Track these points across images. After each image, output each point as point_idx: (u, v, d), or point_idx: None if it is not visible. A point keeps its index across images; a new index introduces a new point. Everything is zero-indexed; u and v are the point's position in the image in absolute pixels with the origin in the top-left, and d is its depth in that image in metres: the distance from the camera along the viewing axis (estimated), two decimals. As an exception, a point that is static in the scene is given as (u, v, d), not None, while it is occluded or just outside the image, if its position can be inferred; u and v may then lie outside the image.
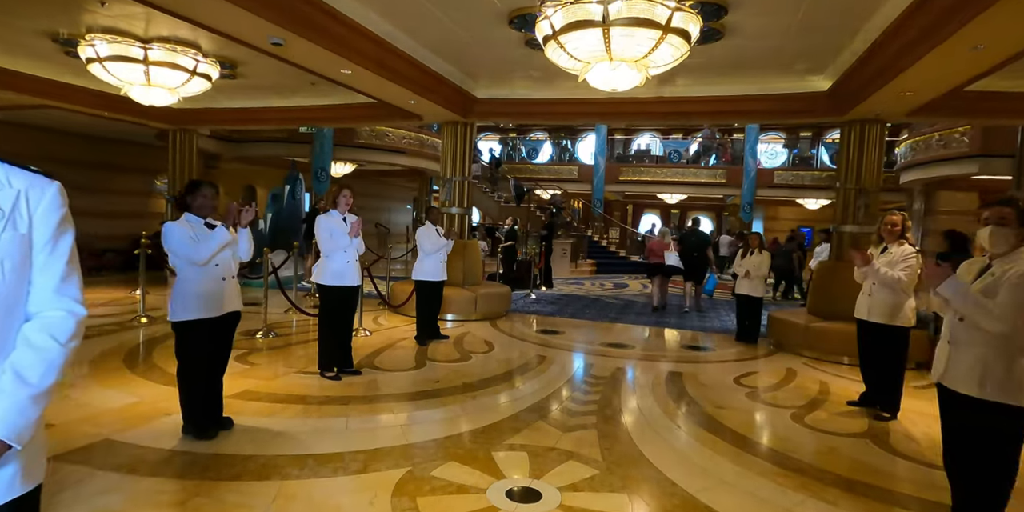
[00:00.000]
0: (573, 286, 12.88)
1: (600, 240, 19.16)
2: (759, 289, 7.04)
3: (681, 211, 28.14)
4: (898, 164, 14.05)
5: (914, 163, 12.52)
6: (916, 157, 12.29)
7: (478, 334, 6.84)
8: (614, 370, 5.45)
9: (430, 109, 7.44)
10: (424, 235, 6.15)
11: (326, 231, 4.49)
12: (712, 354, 6.47)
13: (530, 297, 10.48)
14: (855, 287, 6.75)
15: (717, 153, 20.59)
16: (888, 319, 4.32)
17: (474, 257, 8.28)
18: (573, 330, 7.50)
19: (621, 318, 8.67)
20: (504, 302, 8.32)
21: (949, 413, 2.55)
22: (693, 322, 8.66)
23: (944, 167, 11.71)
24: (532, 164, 21.99)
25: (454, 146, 8.16)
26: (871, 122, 6.57)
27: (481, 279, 8.55)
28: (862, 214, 6.65)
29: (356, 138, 14.11)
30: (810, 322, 6.54)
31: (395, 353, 5.66)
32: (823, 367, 6.02)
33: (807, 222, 24.96)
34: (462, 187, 8.23)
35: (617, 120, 7.29)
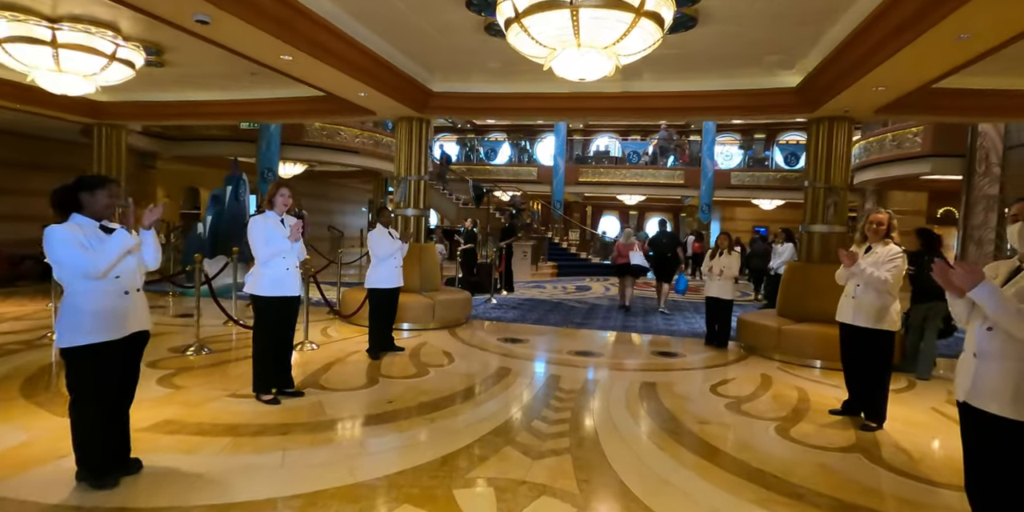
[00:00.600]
0: (535, 290, 12.51)
1: (561, 242, 18.89)
2: (729, 291, 6.81)
3: (640, 212, 28.25)
4: (853, 165, 14.28)
5: (868, 163, 12.69)
6: (870, 157, 12.45)
7: (436, 344, 6.36)
8: (584, 382, 5.06)
9: (383, 103, 6.93)
10: (376, 239, 5.63)
11: (260, 235, 3.94)
12: (683, 360, 6.17)
13: (491, 302, 10.04)
14: (826, 288, 6.58)
15: (675, 154, 20.64)
16: (874, 323, 4.07)
17: (431, 261, 7.79)
18: (537, 337, 7.10)
19: (586, 323, 8.32)
20: (464, 309, 7.85)
21: (975, 435, 2.25)
22: (659, 325, 8.40)
23: (897, 167, 11.89)
24: (491, 165, 21.59)
25: (409, 143, 7.66)
26: (839, 119, 6.42)
27: (439, 285, 8.07)
28: (831, 213, 6.49)
29: (305, 137, 13.40)
30: (782, 325, 6.33)
31: (344, 369, 5.13)
32: (797, 372, 5.80)
33: (762, 222, 25.38)
34: (418, 187, 7.73)
35: (581, 116, 6.94)
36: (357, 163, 14.41)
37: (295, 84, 6.62)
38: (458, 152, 23.81)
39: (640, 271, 9.78)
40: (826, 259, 6.55)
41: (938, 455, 3.68)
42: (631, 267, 9.62)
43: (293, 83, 6.57)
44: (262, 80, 7.16)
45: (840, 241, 6.60)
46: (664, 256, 9.79)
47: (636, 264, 9.60)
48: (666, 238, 10.04)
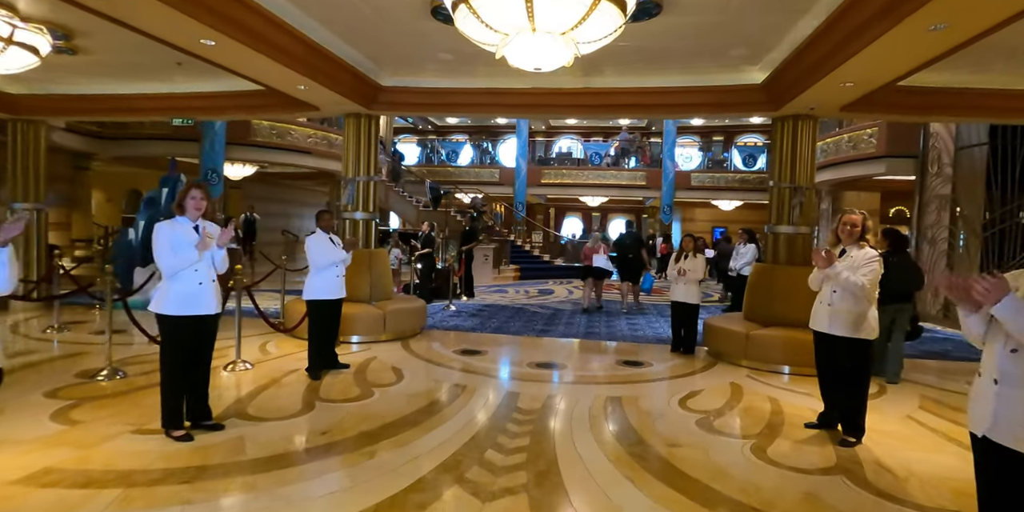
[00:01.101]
0: (497, 294, 12.08)
1: (523, 244, 18.52)
2: (695, 295, 6.52)
3: (603, 214, 28.17)
4: (810, 165, 14.39)
5: (825, 164, 12.70)
6: (827, 158, 12.47)
7: (386, 359, 5.87)
8: (545, 400, 4.66)
9: (327, 98, 6.40)
10: (315, 246, 5.10)
11: (164, 243, 3.38)
12: (650, 370, 5.84)
13: (450, 309, 9.57)
14: (793, 291, 6.37)
15: (636, 156, 20.56)
16: (852, 331, 3.79)
17: (382, 268, 7.27)
18: (497, 348, 6.68)
19: (549, 330, 7.95)
20: (418, 318, 7.37)
21: (996, 474, 1.93)
22: (624, 331, 8.08)
23: (853, 168, 11.92)
24: (452, 166, 21.09)
25: (357, 141, 7.14)
26: (804, 118, 6.22)
27: (392, 293, 7.56)
28: (797, 214, 6.27)
29: (253, 136, 12.67)
30: (749, 330, 6.07)
31: (278, 393, 4.59)
32: (767, 379, 5.54)
33: (722, 223, 25.59)
34: (367, 188, 7.21)
35: (541, 113, 6.56)
36: (310, 164, 13.74)
37: (231, 77, 6.04)
38: (419, 154, 23.23)
39: (603, 273, 9.95)
40: (792, 261, 6.34)
41: (922, 473, 3.41)
42: (593, 269, 9.83)
43: (228, 75, 5.99)
44: (194, 72, 6.55)
45: (806, 242, 6.41)
46: (627, 257, 9.96)
47: (598, 267, 9.80)
48: (629, 239, 10.19)
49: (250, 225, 15.52)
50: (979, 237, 9.09)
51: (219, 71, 5.79)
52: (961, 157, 9.54)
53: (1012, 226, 8.68)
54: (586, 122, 23.86)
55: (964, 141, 9.44)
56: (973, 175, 9.24)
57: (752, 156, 19.18)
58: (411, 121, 24.44)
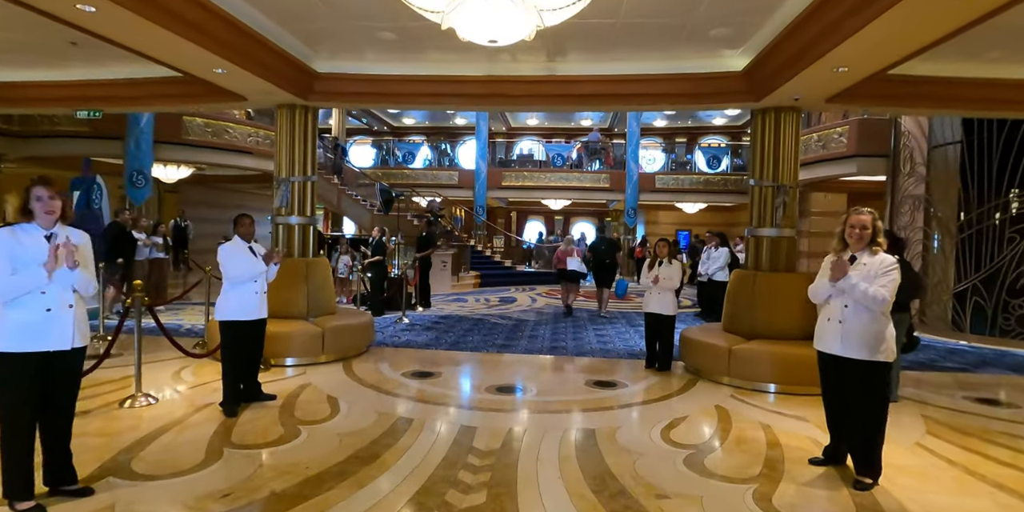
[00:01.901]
0: (455, 304, 11.31)
1: (484, 250, 17.81)
2: (671, 305, 5.92)
3: (565, 217, 27.70)
4: (775, 167, 14.12)
5: (793, 165, 12.39)
6: (796, 159, 12.15)
7: (322, 386, 5.05)
8: (505, 436, 3.94)
9: (252, 85, 5.56)
10: (229, 255, 4.26)
11: (2, 260, 2.54)
12: (624, 392, 5.19)
13: (403, 322, 8.76)
14: (778, 299, 5.81)
15: (600, 158, 20.11)
16: (869, 353, 3.20)
17: (321, 279, 6.43)
18: (452, 368, 5.92)
19: (511, 344, 7.23)
20: (364, 334, 6.55)
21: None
22: (592, 344, 7.44)
23: (824, 168, 11.65)
24: (408, 169, 20.21)
25: (291, 136, 6.31)
26: (787, 110, 5.70)
27: (334, 307, 6.72)
28: (781, 215, 5.74)
29: (185, 134, 11.59)
30: (732, 344, 5.49)
31: (179, 438, 3.74)
32: (753, 400, 4.96)
33: (685, 226, 25.43)
34: (304, 189, 6.38)
35: (498, 104, 5.89)
36: (250, 165, 12.69)
37: (142, 62, 5.17)
38: (375, 156, 22.27)
39: (577, 276, 10.05)
40: (776, 266, 5.81)
41: (960, 526, 2.83)
42: (568, 273, 9.93)
43: (137, 59, 5.12)
44: (94, 54, 5.62)
45: (791, 246, 5.89)
46: (603, 262, 9.89)
47: (572, 270, 9.90)
48: (605, 244, 10.12)
49: (181, 232, 14.35)
50: (954, 238, 8.82)
51: (124, 53, 4.92)
52: (935, 156, 9.28)
53: (989, 227, 8.42)
54: (548, 123, 23.36)
55: (938, 139, 9.18)
56: (947, 174, 8.98)
57: (716, 158, 18.95)
58: (365, 122, 23.47)
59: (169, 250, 15.09)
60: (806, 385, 5.14)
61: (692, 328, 6.48)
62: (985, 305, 8.35)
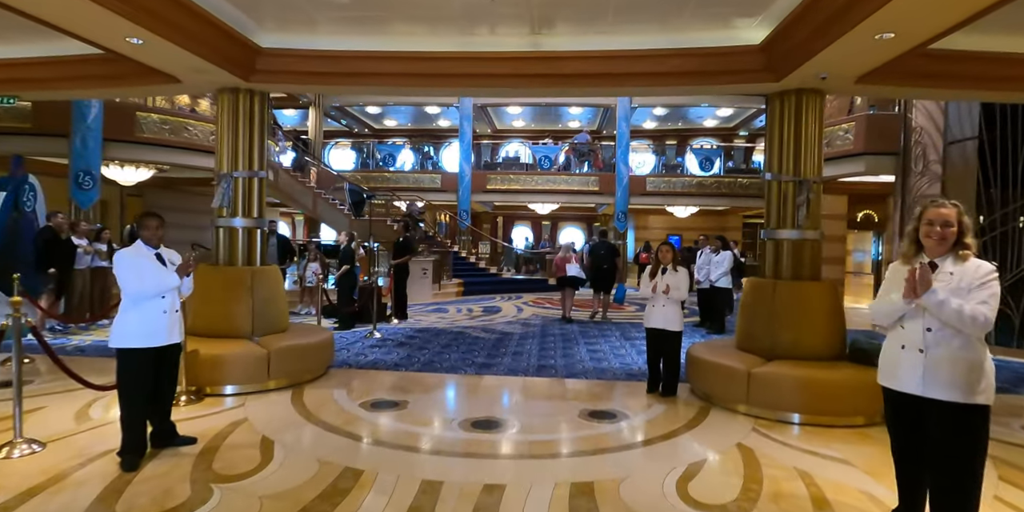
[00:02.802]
0: (435, 315, 10.42)
1: (468, 256, 16.94)
2: (677, 320, 5.08)
3: (553, 222, 26.94)
4: (773, 167, 13.41)
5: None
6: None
7: (260, 423, 4.15)
8: (479, 497, 3.06)
9: (180, 61, 4.67)
10: (127, 265, 3.33)
11: None
12: (626, 426, 4.34)
13: (373, 337, 7.85)
14: (804, 313, 4.93)
15: (589, 160, 19.35)
16: (964, 392, 2.37)
17: (270, 292, 5.51)
18: (422, 396, 5.03)
19: (493, 363, 6.36)
20: (322, 355, 5.64)
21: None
22: (585, 362, 6.59)
23: (829, 167, 10.82)
24: (390, 172, 19.31)
25: (234, 125, 5.42)
26: (810, 93, 4.91)
27: (287, 323, 5.81)
28: (803, 214, 4.94)
29: (139, 131, 10.64)
30: (751, 367, 4.66)
31: (48, 505, 2.82)
32: (780, 434, 4.14)
33: (676, 230, 24.76)
34: (250, 187, 5.49)
35: (475, 85, 5.07)
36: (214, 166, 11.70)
37: (58, 38, 4.34)
38: (355, 159, 21.36)
39: (577, 282, 9.88)
40: (799, 274, 5.00)
41: None
42: (568, 279, 9.79)
43: (51, 35, 4.26)
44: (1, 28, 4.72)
45: (815, 250, 5.09)
46: (600, 267, 9.78)
47: (571, 276, 9.75)
48: (603, 249, 9.95)
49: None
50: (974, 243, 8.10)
51: (33, 26, 4.05)
52: (952, 153, 8.58)
53: (1012, 230, 7.72)
54: (534, 125, 22.63)
55: (954, 134, 8.49)
56: (966, 173, 8.28)
57: (708, 159, 18.25)
58: (345, 124, 22.59)
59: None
60: (837, 415, 4.37)
61: (700, 345, 5.64)
62: (1012, 315, 7.63)
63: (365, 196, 9.47)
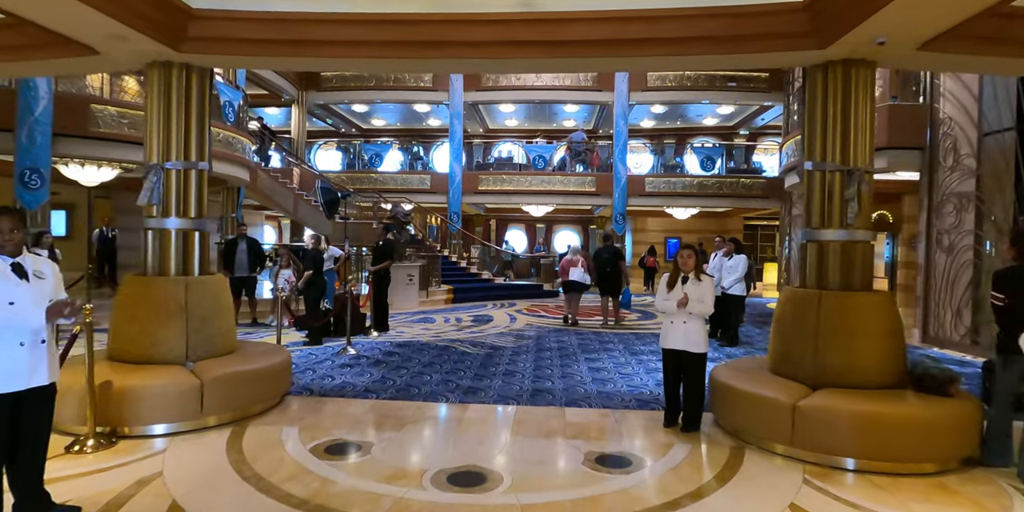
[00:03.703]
0: (420, 325, 9.51)
1: (459, 261, 16.03)
2: (701, 339, 4.20)
3: (547, 225, 26.08)
4: (782, 167, 12.59)
5: (806, 162, 10.85)
6: (810, 154, 10.61)
7: (174, 480, 3.22)
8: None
9: (92, 25, 3.76)
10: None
11: None
12: (644, 478, 3.44)
13: (346, 353, 6.94)
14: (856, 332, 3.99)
15: (585, 160, 18.51)
16: None
17: (212, 307, 4.57)
18: (392, 436, 4.12)
19: (480, 386, 5.46)
20: (274, 381, 4.72)
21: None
22: (586, 382, 5.71)
23: (844, 164, 10.10)
24: (376, 172, 18.40)
25: (165, 107, 4.51)
26: (859, 64, 4.06)
27: (234, 343, 4.88)
28: (853, 211, 4.08)
29: (94, 125, 9.69)
30: (796, 398, 3.79)
31: None
32: (840, 488, 3.27)
33: (675, 233, 23.94)
34: (185, 180, 4.58)
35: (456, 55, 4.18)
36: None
37: None
38: (342, 160, 20.47)
39: (581, 287, 9.76)
40: (849, 283, 4.13)
41: None
42: (571, 283, 9.68)
43: None
44: None
45: (866, 254, 4.22)
46: (606, 271, 9.61)
47: (574, 280, 9.63)
48: (608, 253, 9.75)
49: (108, 244, 12.37)
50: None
51: None
52: (988, 145, 7.76)
53: (1062, 229, 6.89)
54: (528, 124, 21.80)
55: (991, 125, 7.67)
56: (1004, 167, 7.46)
57: (710, 159, 17.43)
58: (331, 123, 21.68)
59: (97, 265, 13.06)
60: (902, 460, 3.51)
61: (726, 368, 4.75)
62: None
63: (340, 195, 8.54)
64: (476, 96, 17.44)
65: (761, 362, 4.77)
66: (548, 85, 17.09)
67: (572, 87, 17.12)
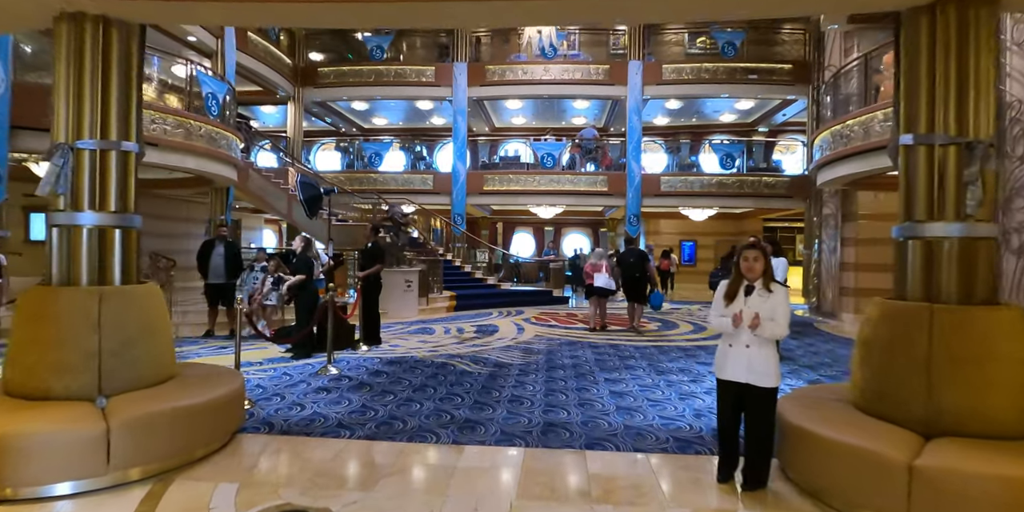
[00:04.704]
0: (417, 337, 8.53)
1: (462, 265, 15.06)
2: (771, 370, 3.15)
3: (556, 228, 25.08)
4: (814, 163, 11.54)
5: (844, 155, 9.83)
6: (849, 146, 9.58)
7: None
8: None
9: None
10: None
11: None
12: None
13: (327, 373, 5.96)
14: (983, 360, 2.90)
15: (596, 158, 17.50)
16: None
17: (139, 325, 3.58)
18: (358, 498, 3.10)
19: (480, 419, 4.45)
20: (219, 417, 3.72)
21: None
22: (609, 410, 4.70)
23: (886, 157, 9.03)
24: (376, 172, 17.49)
25: (76, 70, 3.55)
26: (977, 4, 3.05)
27: (171, 368, 3.91)
28: (976, 198, 3.05)
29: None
30: (909, 453, 2.75)
31: None
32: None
33: (690, 236, 22.86)
34: (105, 165, 3.62)
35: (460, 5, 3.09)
36: (156, 161, 9.82)
37: None
38: (341, 161, 19.58)
39: (606, 292, 9.34)
40: (969, 294, 3.09)
41: None
42: (596, 289, 9.26)
43: None
44: None
45: (988, 255, 3.18)
46: (633, 276, 9.25)
47: (599, 286, 9.19)
48: (633, 257, 9.35)
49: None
50: None
51: None
52: (1073, 130, 6.70)
53: None
54: (535, 122, 20.83)
55: (1078, 106, 6.61)
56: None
57: (730, 156, 16.37)
58: (330, 122, 20.81)
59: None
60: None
61: (792, 400, 3.68)
62: None
63: (323, 191, 7.59)
64: (481, 91, 16.51)
65: (837, 392, 3.74)
66: (557, 78, 16.13)
67: (582, 80, 16.15)
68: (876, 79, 9.80)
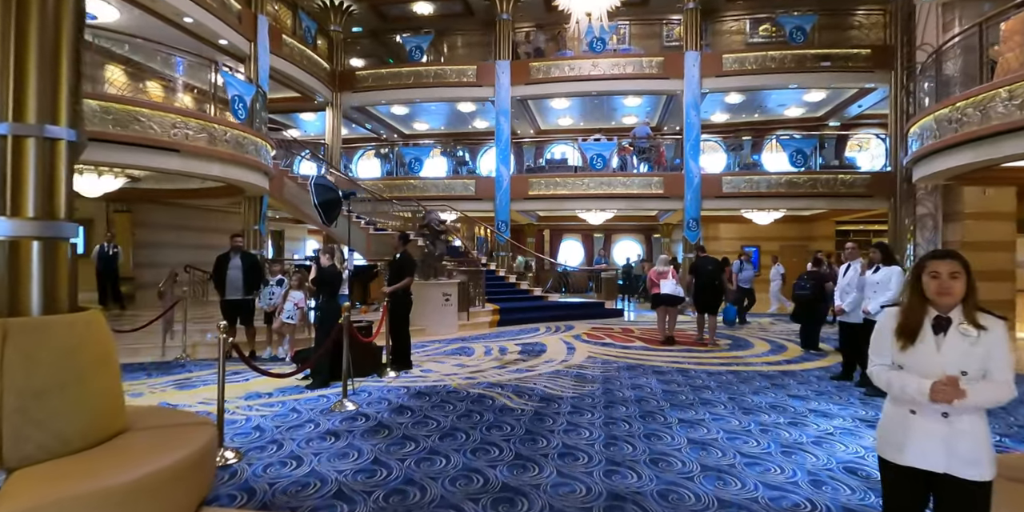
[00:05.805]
0: (454, 359, 7.52)
1: (507, 276, 14.04)
2: (983, 454, 1.92)
3: (606, 235, 23.80)
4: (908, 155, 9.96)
5: (950, 144, 8.29)
6: (961, 132, 8.04)
7: None
8: None
9: None
10: None
11: None
12: None
13: (341, 410, 5.01)
14: None
15: (649, 158, 16.22)
16: None
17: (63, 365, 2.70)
18: None
19: (519, 485, 3.34)
20: (173, 493, 2.77)
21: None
22: (694, 473, 3.54)
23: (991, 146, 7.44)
24: (416, 178, 16.74)
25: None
26: None
27: (119, 421, 3.00)
28: None
29: (75, 123, 8.28)
30: None
31: None
32: None
33: (752, 241, 21.15)
34: (19, 155, 2.75)
35: None
36: (178, 168, 9.25)
37: None
38: (381, 168, 18.98)
39: (673, 301, 8.81)
40: None
41: None
42: (663, 297, 8.79)
43: None
44: None
45: None
46: (711, 285, 8.64)
47: (667, 294, 8.72)
48: (711, 265, 8.80)
49: (108, 262, 11.05)
50: None
51: None
52: None
53: None
54: (583, 123, 19.72)
55: None
56: None
57: (801, 152, 14.78)
58: (370, 128, 20.28)
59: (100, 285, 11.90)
60: None
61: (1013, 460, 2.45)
62: None
63: (341, 194, 6.71)
64: (524, 90, 15.55)
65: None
66: (606, 74, 14.99)
67: (634, 75, 14.94)
68: (993, 53, 8.25)
